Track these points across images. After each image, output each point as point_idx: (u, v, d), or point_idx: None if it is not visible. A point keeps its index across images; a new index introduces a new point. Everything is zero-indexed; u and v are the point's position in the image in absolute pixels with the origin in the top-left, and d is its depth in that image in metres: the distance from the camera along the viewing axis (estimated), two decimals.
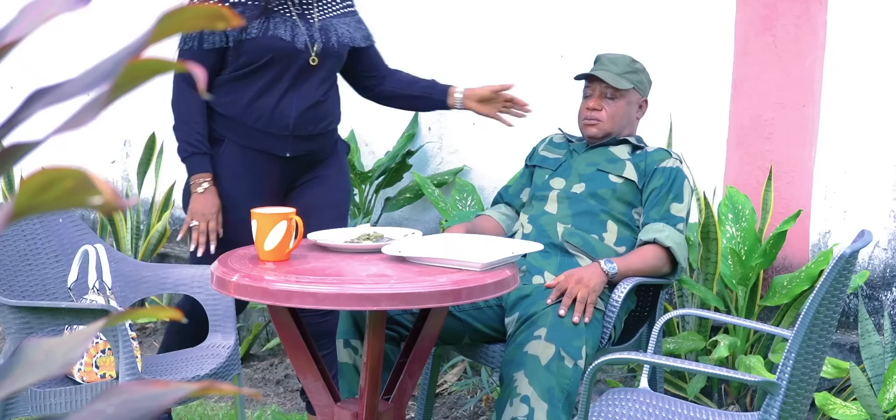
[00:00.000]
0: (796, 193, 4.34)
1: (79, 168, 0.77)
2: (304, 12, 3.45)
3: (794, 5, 4.27)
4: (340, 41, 3.49)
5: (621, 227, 3.49)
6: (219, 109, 3.46)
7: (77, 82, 0.89)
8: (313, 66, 3.42)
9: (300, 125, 3.45)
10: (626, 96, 3.60)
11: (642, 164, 3.55)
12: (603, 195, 3.51)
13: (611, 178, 3.54)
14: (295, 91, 3.43)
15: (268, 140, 3.46)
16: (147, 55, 0.88)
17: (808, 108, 4.30)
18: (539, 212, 3.58)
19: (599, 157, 3.61)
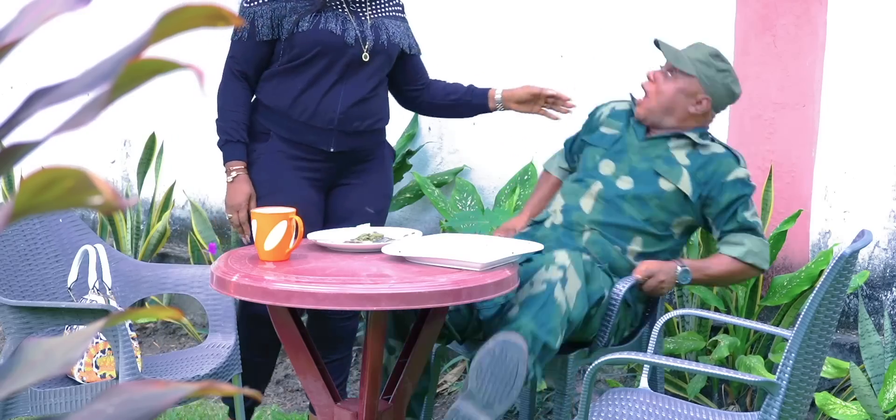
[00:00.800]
0: (796, 193, 4.34)
1: (79, 168, 0.77)
2: (357, 9, 3.47)
3: (794, 5, 4.27)
4: (391, 40, 3.49)
5: (649, 239, 3.36)
6: (266, 102, 3.47)
7: (77, 82, 0.89)
8: (363, 61, 3.43)
9: (346, 120, 3.45)
10: (684, 81, 3.37)
11: (702, 173, 3.33)
12: (646, 199, 3.34)
13: (662, 183, 3.34)
14: (342, 85, 3.43)
15: (312, 133, 3.46)
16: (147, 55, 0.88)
17: (808, 108, 4.30)
18: (574, 203, 3.42)
19: (656, 151, 3.39)
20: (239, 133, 3.46)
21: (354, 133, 3.49)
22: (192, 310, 5.35)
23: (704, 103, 3.37)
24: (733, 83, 3.40)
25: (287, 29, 3.39)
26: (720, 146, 3.38)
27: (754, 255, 3.32)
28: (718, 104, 3.40)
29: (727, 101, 3.41)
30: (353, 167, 3.57)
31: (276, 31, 3.41)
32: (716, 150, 3.36)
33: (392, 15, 3.57)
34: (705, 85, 3.35)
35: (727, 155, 3.34)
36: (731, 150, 3.38)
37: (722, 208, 3.32)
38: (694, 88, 3.36)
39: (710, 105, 3.38)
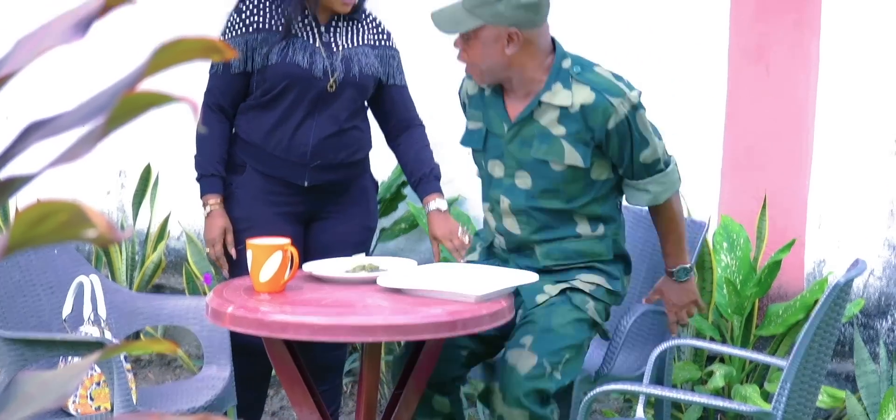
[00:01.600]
0: (791, 222, 4.35)
1: (74, 201, 0.77)
2: (328, 40, 3.44)
3: (786, 35, 4.29)
4: (363, 72, 3.45)
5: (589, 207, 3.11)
6: (241, 135, 3.47)
7: (73, 115, 0.90)
8: (332, 93, 3.40)
9: (318, 154, 3.42)
10: (477, 37, 2.95)
11: (582, 132, 2.99)
12: (555, 188, 3.06)
13: (553, 166, 3.04)
14: (313, 119, 3.41)
15: (286, 168, 3.45)
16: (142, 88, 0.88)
17: (801, 137, 4.31)
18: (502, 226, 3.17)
19: (529, 133, 3.05)
20: (214, 167, 3.47)
21: (329, 166, 3.46)
22: (188, 341, 5.35)
23: (514, 37, 2.93)
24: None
25: (259, 61, 3.39)
26: (588, 90, 2.98)
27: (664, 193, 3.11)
28: (527, 22, 2.94)
29: (533, 12, 2.94)
30: (332, 200, 3.54)
31: (249, 64, 3.41)
32: (585, 99, 2.97)
33: (373, 44, 3.53)
34: (498, 21, 2.91)
35: (599, 100, 2.96)
36: (601, 86, 2.98)
37: (614, 154, 3.03)
38: (491, 34, 2.93)
39: (521, 33, 2.93)
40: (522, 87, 3.05)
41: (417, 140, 3.58)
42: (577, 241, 3.13)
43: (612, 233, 3.19)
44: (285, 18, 3.39)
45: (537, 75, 3.03)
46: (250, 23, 3.41)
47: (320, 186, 3.49)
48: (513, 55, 2.96)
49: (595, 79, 3.03)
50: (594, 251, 3.15)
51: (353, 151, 3.50)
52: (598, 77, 3.04)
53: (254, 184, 3.47)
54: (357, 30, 3.51)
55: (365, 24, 3.54)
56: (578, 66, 3.05)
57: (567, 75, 3.02)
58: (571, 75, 3.02)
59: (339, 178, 3.51)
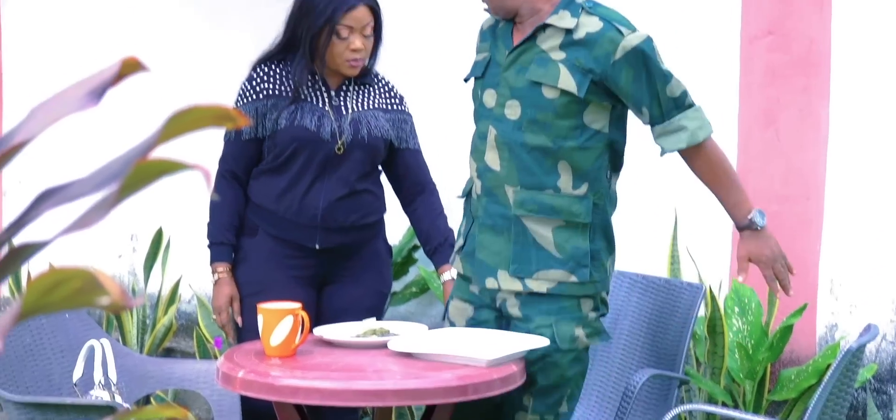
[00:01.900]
0: (802, 287, 4.33)
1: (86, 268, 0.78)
2: (338, 104, 3.47)
3: (796, 99, 4.30)
4: (372, 133, 3.47)
5: (574, 155, 2.91)
6: (254, 199, 3.50)
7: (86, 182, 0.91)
8: (340, 155, 3.42)
9: (329, 216, 3.44)
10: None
11: (582, 60, 2.85)
12: (544, 120, 2.89)
13: (545, 92, 2.88)
14: (323, 181, 3.43)
15: (297, 230, 3.46)
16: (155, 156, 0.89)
17: (812, 201, 4.31)
18: (482, 163, 3.01)
19: (528, 57, 2.93)
20: (224, 235, 3.49)
21: (340, 229, 3.47)
22: (198, 405, 5.33)
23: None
24: None
25: (269, 127, 3.42)
26: (596, 20, 2.88)
27: (701, 130, 2.91)
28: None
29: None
30: (344, 263, 3.54)
31: (260, 130, 3.44)
32: (591, 28, 2.87)
33: (384, 107, 3.55)
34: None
35: (607, 28, 2.85)
36: (611, 16, 2.90)
37: (629, 93, 2.86)
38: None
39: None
40: (531, 16, 2.95)
41: (432, 207, 3.61)
42: (554, 196, 2.91)
43: (594, 196, 2.95)
44: (293, 83, 3.41)
45: (546, 5, 2.93)
46: (260, 90, 3.45)
47: (332, 249, 3.49)
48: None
49: (606, 12, 2.91)
50: (571, 210, 2.92)
51: (365, 214, 3.51)
52: (610, 11, 2.92)
53: (266, 247, 3.48)
54: (368, 93, 3.53)
55: (376, 87, 3.56)
56: (591, 3, 2.94)
57: (577, 6, 2.92)
58: (582, 7, 2.92)
59: (351, 240, 3.51)
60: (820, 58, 4.28)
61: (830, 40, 4.27)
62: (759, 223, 2.95)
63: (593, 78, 2.85)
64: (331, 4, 3.36)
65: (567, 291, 2.94)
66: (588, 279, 2.95)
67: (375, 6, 3.43)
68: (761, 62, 4.35)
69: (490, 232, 2.99)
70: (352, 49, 3.38)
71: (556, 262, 2.93)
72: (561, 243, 2.92)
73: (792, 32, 4.31)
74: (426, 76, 4.82)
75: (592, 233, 2.95)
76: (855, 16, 4.25)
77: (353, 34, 3.37)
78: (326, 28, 3.35)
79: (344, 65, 3.41)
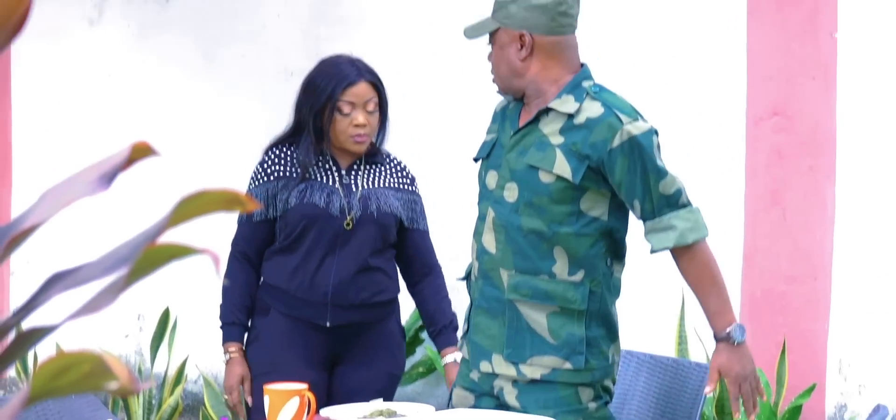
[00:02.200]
0: (811, 367, 4.31)
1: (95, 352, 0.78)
2: (348, 182, 3.49)
3: (802, 180, 4.31)
4: (381, 209, 3.47)
5: (570, 242, 2.85)
6: (267, 279, 3.51)
7: (95, 266, 0.91)
8: (349, 232, 3.43)
9: (339, 293, 3.44)
10: (496, 40, 2.93)
11: (580, 145, 2.81)
12: (540, 204, 2.85)
13: (542, 176, 2.85)
14: (333, 257, 3.44)
15: (309, 308, 3.46)
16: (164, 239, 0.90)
17: (819, 281, 4.30)
18: (480, 244, 2.97)
19: (530, 140, 2.90)
20: (235, 315, 3.50)
21: (351, 306, 3.46)
22: None
23: (526, 39, 2.86)
24: None
25: (280, 207, 3.45)
26: (599, 106, 2.83)
27: (692, 232, 2.83)
28: (539, 26, 2.88)
29: (546, 16, 2.88)
30: (355, 342, 3.52)
31: (270, 210, 3.46)
32: (592, 113, 2.82)
33: (394, 186, 3.57)
34: (510, 23, 2.88)
35: (607, 115, 2.80)
36: (614, 104, 2.83)
37: (622, 184, 2.80)
38: (506, 37, 2.89)
39: (532, 37, 2.87)
40: (536, 98, 2.92)
41: (437, 290, 3.62)
42: (549, 281, 2.85)
43: (591, 282, 2.87)
44: (300, 164, 3.44)
45: (552, 88, 2.89)
46: (271, 172, 3.48)
47: (344, 327, 3.49)
48: (526, 62, 2.88)
49: (611, 99, 2.86)
50: (565, 296, 2.85)
51: (376, 292, 3.51)
52: (615, 98, 2.87)
53: (278, 326, 3.49)
54: (379, 172, 3.55)
55: (387, 167, 3.58)
56: (598, 88, 2.89)
57: (583, 91, 2.87)
58: (587, 92, 2.87)
59: (362, 318, 3.51)
60: (825, 138, 4.30)
61: (836, 121, 4.29)
62: (736, 338, 2.86)
63: (590, 164, 2.80)
64: (331, 82, 3.40)
65: (562, 379, 2.87)
66: (583, 366, 2.87)
67: (377, 82, 3.47)
68: (767, 143, 4.37)
69: (485, 315, 2.95)
70: (355, 125, 3.40)
71: (550, 348, 2.87)
72: (555, 329, 2.86)
73: (797, 114, 4.33)
74: (439, 155, 4.85)
75: (588, 319, 2.87)
76: (860, 97, 4.27)
77: (356, 110, 3.40)
78: (328, 105, 3.39)
79: (349, 141, 3.44)
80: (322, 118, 3.41)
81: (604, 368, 2.92)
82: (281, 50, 5.17)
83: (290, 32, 5.08)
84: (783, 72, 4.36)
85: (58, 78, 5.71)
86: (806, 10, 4.34)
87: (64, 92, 5.76)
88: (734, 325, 2.87)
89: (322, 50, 4.91)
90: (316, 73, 3.46)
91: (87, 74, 5.65)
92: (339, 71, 3.41)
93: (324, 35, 5.05)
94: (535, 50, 2.87)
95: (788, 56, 4.36)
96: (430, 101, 4.96)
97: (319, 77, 3.43)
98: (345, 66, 3.43)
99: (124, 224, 5.51)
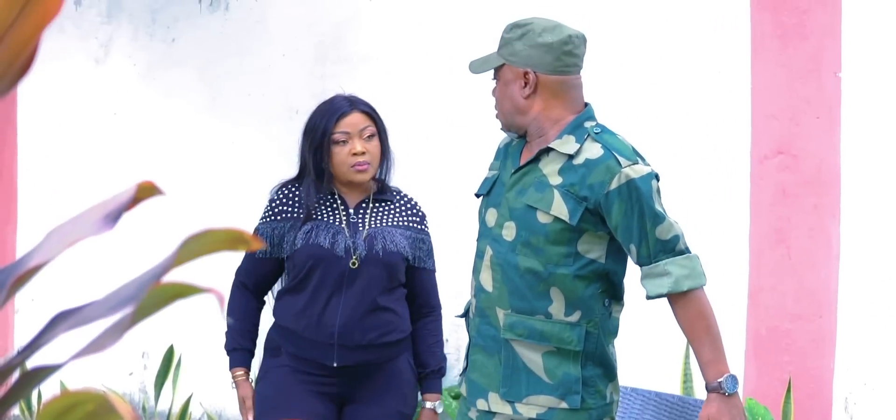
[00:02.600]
0: (817, 405, 4.30)
1: (99, 392, 0.78)
2: (355, 221, 3.50)
3: (806, 218, 4.32)
4: (387, 249, 3.46)
5: (567, 283, 2.84)
6: (278, 320, 3.53)
7: (100, 306, 0.91)
8: (355, 271, 3.43)
9: (346, 334, 3.42)
10: (501, 76, 2.93)
11: (577, 187, 2.82)
12: (537, 245, 2.84)
13: (539, 217, 2.85)
14: (339, 297, 3.43)
15: (316, 349, 3.46)
16: (169, 279, 0.90)
17: (824, 319, 4.30)
18: (478, 282, 2.97)
19: (529, 179, 2.90)
20: (238, 341, 3.54)
21: (358, 347, 3.44)
22: None
23: (530, 77, 2.86)
24: (541, 34, 2.88)
25: (287, 248, 3.46)
26: (599, 148, 2.83)
27: (687, 279, 2.82)
28: (543, 65, 2.87)
29: (551, 56, 2.88)
30: (364, 383, 3.51)
31: (277, 250, 3.48)
32: (592, 154, 2.82)
33: (403, 224, 3.57)
34: (515, 60, 2.88)
35: (606, 157, 2.80)
36: (614, 146, 2.84)
37: (619, 227, 2.79)
38: (511, 74, 2.89)
39: (536, 75, 2.87)
40: (538, 137, 2.92)
41: (433, 332, 3.61)
42: (545, 322, 2.84)
43: (588, 324, 2.86)
44: (304, 205, 3.45)
45: (553, 129, 2.90)
46: (279, 212, 3.50)
47: (351, 368, 3.48)
48: (529, 100, 2.88)
49: (611, 141, 2.85)
50: (561, 337, 2.84)
51: (385, 332, 3.49)
52: (616, 140, 2.87)
53: (287, 365, 3.50)
54: (387, 210, 3.55)
55: (397, 204, 3.58)
56: (600, 129, 2.89)
57: (584, 132, 2.87)
58: (589, 133, 2.87)
59: (371, 359, 3.49)
60: (830, 177, 4.30)
61: (840, 160, 4.29)
62: (727, 389, 2.83)
63: (588, 206, 2.79)
64: (324, 117, 3.44)
65: (558, 418, 2.86)
66: (579, 406, 2.85)
67: (372, 112, 3.48)
68: (772, 182, 4.38)
69: (482, 353, 2.95)
70: (353, 153, 3.41)
71: (546, 388, 2.86)
72: (551, 369, 2.85)
73: (802, 152, 4.34)
74: (443, 192, 4.85)
75: (585, 360, 2.86)
76: (864, 136, 4.28)
77: (352, 139, 3.41)
78: (324, 140, 3.41)
79: (351, 172, 3.44)
80: (321, 155, 3.43)
81: (601, 408, 2.90)
82: (286, 88, 5.19)
83: (295, 71, 5.09)
84: (787, 111, 4.37)
85: (64, 117, 5.73)
86: (810, 49, 4.35)
87: (70, 131, 5.77)
88: (727, 376, 2.84)
89: (327, 88, 4.93)
90: (313, 114, 3.50)
91: (92, 113, 5.67)
92: (332, 106, 3.45)
93: (329, 73, 5.07)
94: (539, 88, 2.87)
95: (792, 95, 4.37)
96: (434, 138, 4.97)
97: (315, 116, 3.47)
98: (337, 100, 3.47)
99: (129, 263, 5.51)
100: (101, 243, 5.93)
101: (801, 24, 4.34)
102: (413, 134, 5.03)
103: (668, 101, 4.58)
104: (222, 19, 5.35)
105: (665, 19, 4.59)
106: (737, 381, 2.84)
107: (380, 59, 5.05)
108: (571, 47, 2.90)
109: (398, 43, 5.05)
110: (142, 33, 5.60)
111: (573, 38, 2.90)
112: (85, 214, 0.96)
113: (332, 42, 5.13)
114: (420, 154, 4.94)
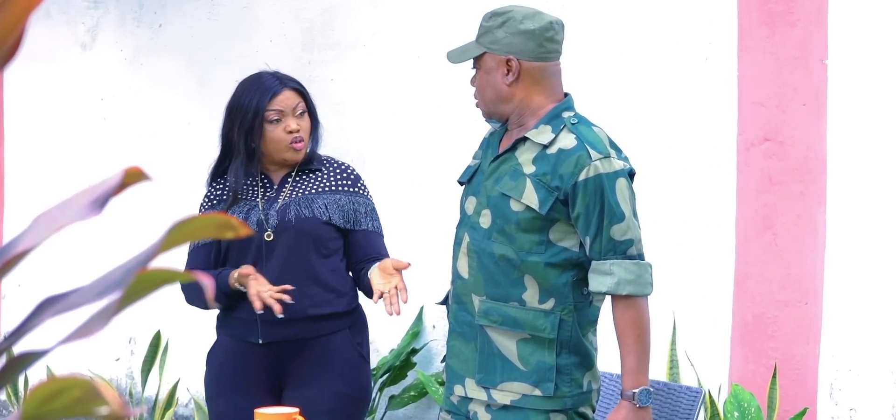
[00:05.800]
0: (802, 391, 4.32)
1: (85, 378, 0.78)
2: (274, 195, 3.44)
3: (793, 205, 4.33)
4: (300, 216, 3.37)
5: (540, 271, 2.85)
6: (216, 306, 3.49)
7: (87, 291, 0.92)
8: (271, 242, 3.37)
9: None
10: (482, 64, 2.92)
11: (549, 176, 2.82)
12: (510, 232, 2.86)
13: (512, 205, 2.86)
14: (260, 271, 3.35)
15: (241, 326, 3.40)
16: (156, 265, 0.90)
17: (810, 305, 4.32)
18: (455, 268, 3.00)
19: (506, 169, 2.91)
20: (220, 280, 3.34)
21: (282, 322, 3.27)
22: None
23: (513, 64, 2.86)
24: (522, 21, 2.88)
25: None
26: (573, 138, 2.84)
27: (630, 285, 2.81)
28: (526, 52, 2.87)
29: (533, 42, 2.88)
30: (297, 361, 3.39)
31: None
32: (565, 145, 2.83)
33: (330, 189, 3.45)
34: (497, 48, 2.88)
35: (578, 148, 2.81)
36: (587, 138, 2.84)
37: (579, 219, 2.80)
38: (492, 62, 2.88)
39: (519, 63, 2.86)
40: (518, 125, 2.93)
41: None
42: (519, 309, 2.85)
43: (562, 311, 2.86)
44: (231, 189, 3.42)
45: (532, 119, 2.90)
46: (214, 198, 3.51)
47: (280, 344, 3.39)
48: (512, 88, 2.88)
49: (586, 132, 2.85)
50: (535, 324, 2.84)
51: (312, 304, 3.36)
52: (591, 132, 2.87)
53: (223, 348, 3.47)
54: (312, 180, 3.44)
55: (325, 171, 3.47)
56: (577, 120, 2.89)
57: (561, 122, 2.88)
58: (565, 123, 2.87)
59: (299, 333, 3.36)
60: (816, 164, 4.32)
61: (826, 147, 4.31)
62: (640, 401, 2.83)
63: (559, 196, 2.81)
64: (255, 97, 3.36)
65: (532, 405, 2.86)
66: (553, 394, 2.86)
67: (301, 88, 3.44)
68: (758, 169, 4.39)
69: (459, 339, 2.96)
70: (288, 131, 3.36)
71: (520, 375, 2.87)
72: (525, 356, 2.86)
73: (788, 140, 4.35)
74: (428, 178, 4.86)
75: (559, 347, 2.86)
76: (851, 123, 4.29)
77: (286, 117, 3.37)
78: (256, 120, 3.35)
79: (287, 150, 3.38)
80: (252, 136, 3.37)
81: (577, 396, 2.90)
82: None
83: (282, 57, 5.08)
84: (774, 98, 4.38)
85: (50, 102, 5.72)
86: (796, 36, 4.36)
87: (56, 116, 5.76)
88: (642, 389, 2.84)
89: (315, 74, 4.93)
90: (239, 94, 3.42)
91: (79, 99, 5.66)
92: (262, 84, 3.39)
93: (316, 60, 5.07)
94: (522, 75, 2.87)
95: (779, 82, 4.38)
96: (421, 125, 4.97)
97: (243, 96, 3.39)
98: (266, 78, 3.41)
99: (117, 249, 5.51)
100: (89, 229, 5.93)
101: (788, 12, 4.35)
102: (400, 120, 5.03)
103: (654, 88, 4.59)
104: (209, 5, 5.34)
105: (651, 6, 4.60)
106: (650, 396, 2.85)
107: (367, 45, 5.05)
108: (552, 33, 2.91)
109: (385, 29, 5.05)
110: (129, 19, 5.59)
111: (553, 24, 2.91)
112: (72, 200, 0.96)
113: (320, 28, 5.12)
114: (407, 140, 4.94)
